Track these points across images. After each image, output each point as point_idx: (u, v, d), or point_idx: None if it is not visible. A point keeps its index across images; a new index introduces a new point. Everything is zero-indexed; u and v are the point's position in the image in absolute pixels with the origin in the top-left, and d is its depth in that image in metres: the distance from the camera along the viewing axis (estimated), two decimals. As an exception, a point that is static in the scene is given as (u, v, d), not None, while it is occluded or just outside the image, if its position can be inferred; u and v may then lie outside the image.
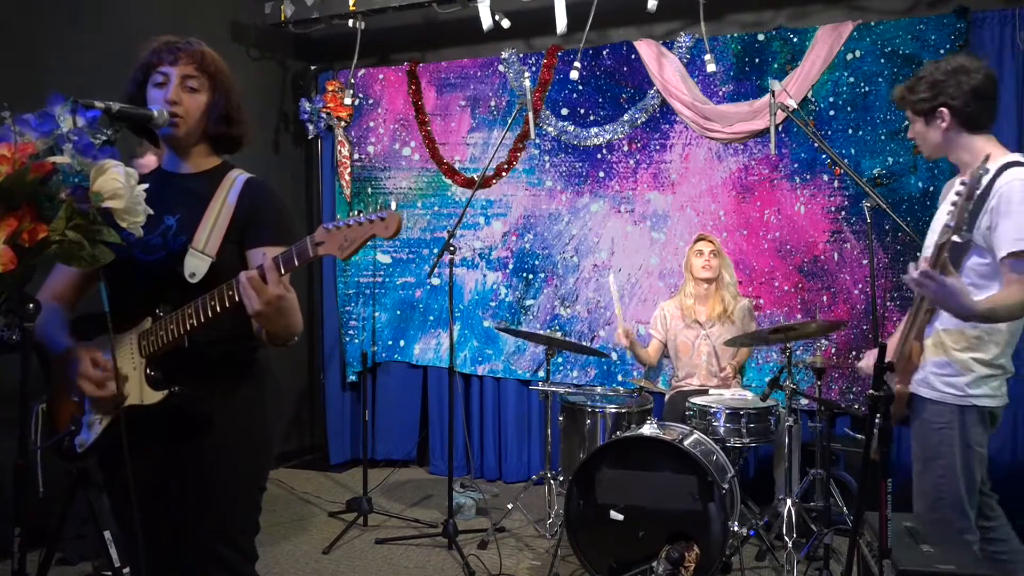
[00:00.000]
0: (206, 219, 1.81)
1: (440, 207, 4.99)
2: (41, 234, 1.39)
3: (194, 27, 4.36)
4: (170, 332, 1.73)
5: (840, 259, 4.10)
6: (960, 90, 2.26)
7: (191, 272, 1.77)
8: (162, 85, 1.80)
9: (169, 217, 1.82)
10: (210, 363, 1.84)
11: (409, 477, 4.94)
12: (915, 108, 2.34)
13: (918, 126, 2.37)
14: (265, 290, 1.62)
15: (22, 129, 1.41)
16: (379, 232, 1.60)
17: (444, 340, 4.93)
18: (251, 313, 1.65)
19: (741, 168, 4.29)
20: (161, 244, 1.81)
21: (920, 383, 2.31)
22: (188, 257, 1.77)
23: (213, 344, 1.81)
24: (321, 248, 1.63)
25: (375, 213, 1.61)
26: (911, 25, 3.94)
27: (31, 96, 1.64)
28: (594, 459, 3.11)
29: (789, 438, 3.38)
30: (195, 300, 1.70)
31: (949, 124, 2.29)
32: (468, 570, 3.41)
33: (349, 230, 1.62)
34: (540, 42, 4.75)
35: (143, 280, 1.80)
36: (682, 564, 2.86)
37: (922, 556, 2.06)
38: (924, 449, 2.31)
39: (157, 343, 1.75)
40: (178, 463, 1.84)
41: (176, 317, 1.72)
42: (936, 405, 2.27)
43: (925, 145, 2.40)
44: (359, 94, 5.07)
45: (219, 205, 1.83)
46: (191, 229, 1.81)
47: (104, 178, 1.45)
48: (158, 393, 1.75)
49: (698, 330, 3.94)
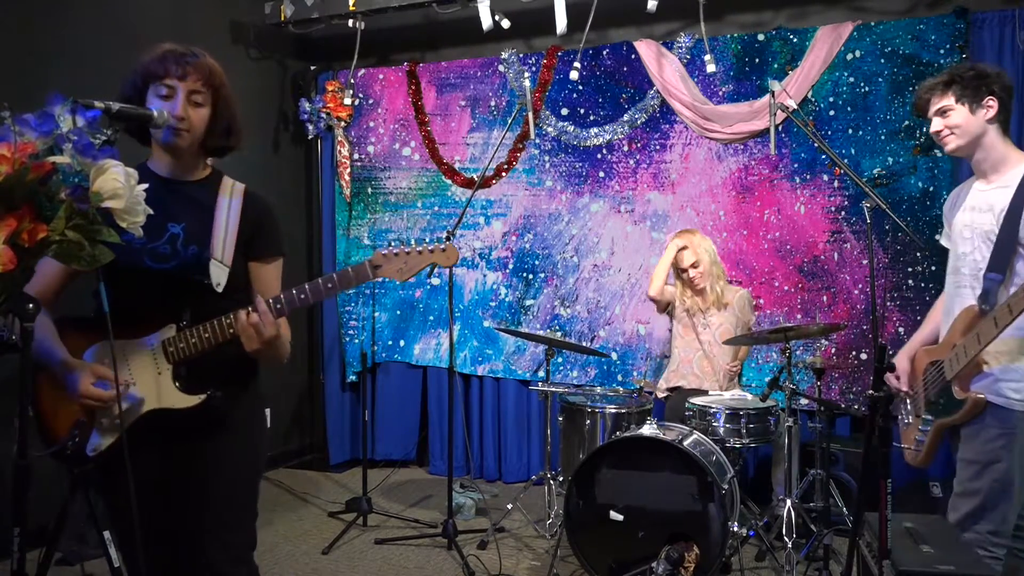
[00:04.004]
0: (217, 228, 1.87)
1: (440, 207, 4.99)
2: (41, 234, 1.39)
3: (194, 27, 4.41)
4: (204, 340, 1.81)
5: (840, 259, 4.10)
6: (1004, 86, 2.29)
7: (217, 282, 1.84)
8: (167, 97, 1.81)
9: (174, 225, 1.85)
10: (229, 364, 1.90)
11: (409, 477, 4.94)
12: (967, 90, 2.30)
13: (959, 113, 2.32)
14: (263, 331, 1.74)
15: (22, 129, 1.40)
16: (439, 261, 1.81)
17: (444, 340, 4.93)
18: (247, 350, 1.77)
19: (741, 168, 4.29)
20: (171, 253, 1.84)
21: (985, 389, 2.26)
22: (212, 267, 1.84)
23: (229, 344, 1.86)
24: (379, 271, 1.79)
25: (435, 243, 1.79)
26: (911, 25, 3.94)
27: (31, 96, 1.64)
28: (594, 459, 3.11)
29: (789, 438, 3.38)
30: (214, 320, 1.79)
31: (993, 115, 2.29)
32: (468, 570, 3.41)
33: (408, 257, 1.80)
34: (540, 42, 4.75)
35: (160, 288, 1.84)
36: (682, 564, 2.86)
37: (922, 556, 2.06)
38: (981, 454, 2.27)
39: (187, 350, 1.81)
40: (197, 460, 1.89)
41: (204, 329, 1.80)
42: (1001, 411, 2.24)
43: (960, 134, 2.33)
44: (359, 94, 5.07)
45: (225, 216, 1.89)
46: (200, 238, 1.86)
47: (104, 178, 1.44)
48: (194, 397, 1.81)
49: (700, 319, 3.95)
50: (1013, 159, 2.33)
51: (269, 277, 1.97)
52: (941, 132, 2.37)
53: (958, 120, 2.33)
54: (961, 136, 2.34)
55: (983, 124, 2.31)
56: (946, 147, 2.40)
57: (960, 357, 2.27)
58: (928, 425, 2.43)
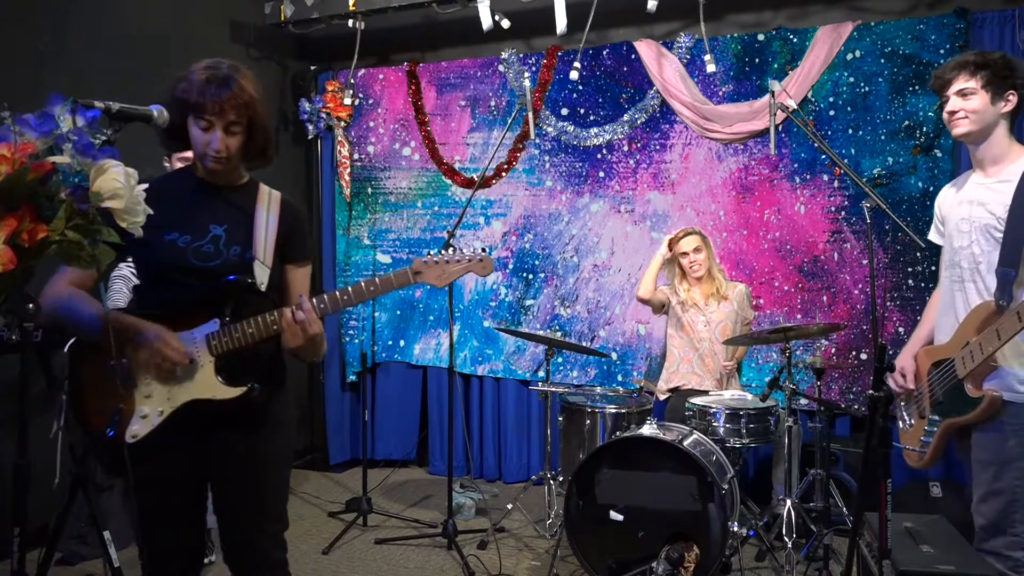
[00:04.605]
0: (258, 232, 1.99)
1: (440, 207, 4.99)
2: (41, 234, 1.39)
3: (194, 27, 4.40)
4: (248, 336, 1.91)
5: (840, 259, 4.10)
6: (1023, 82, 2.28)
7: (260, 281, 1.96)
8: (206, 130, 1.91)
9: (216, 227, 1.97)
10: (268, 360, 2.02)
11: (409, 477, 4.94)
12: (996, 78, 2.27)
13: (980, 99, 2.28)
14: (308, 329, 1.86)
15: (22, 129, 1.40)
16: (476, 270, 1.97)
17: (444, 340, 4.93)
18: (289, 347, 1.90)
19: (741, 168, 4.29)
20: (214, 252, 1.95)
21: (1000, 387, 2.22)
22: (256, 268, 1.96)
23: (268, 341, 1.96)
24: (419, 276, 1.95)
25: (473, 252, 1.96)
26: (911, 25, 3.94)
27: (31, 96, 1.64)
28: (594, 459, 3.11)
29: (789, 438, 3.38)
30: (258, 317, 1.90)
31: (1010, 110, 2.28)
32: (468, 570, 3.41)
33: (448, 265, 1.96)
34: (540, 42, 4.75)
35: (204, 285, 1.93)
36: (682, 564, 2.86)
37: (922, 556, 2.06)
38: (998, 453, 2.22)
39: (231, 344, 1.91)
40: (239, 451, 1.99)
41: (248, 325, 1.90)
42: (1018, 407, 2.20)
43: (975, 120, 2.29)
44: (359, 94, 5.07)
45: (264, 220, 2.02)
46: (242, 240, 1.97)
47: (104, 178, 1.44)
48: (235, 389, 1.91)
49: (698, 313, 3.95)
50: (1014, 154, 2.32)
51: (301, 279, 2.11)
52: (956, 113, 2.32)
53: (977, 105, 2.29)
54: (975, 123, 2.30)
55: (998, 116, 2.29)
56: (955, 130, 2.34)
57: (976, 354, 2.21)
58: (935, 426, 2.38)
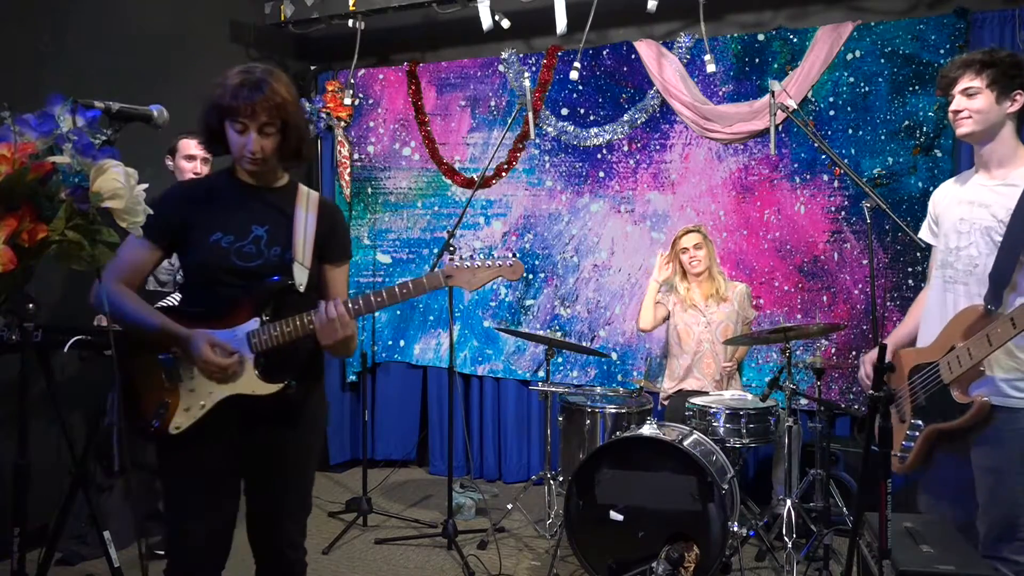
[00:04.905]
0: (297, 233, 2.03)
1: (440, 207, 4.99)
2: (41, 234, 1.39)
3: (194, 27, 4.40)
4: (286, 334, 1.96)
5: (840, 259, 4.10)
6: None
7: (299, 282, 2.00)
8: (242, 133, 1.95)
9: (257, 227, 2.01)
10: (305, 357, 2.07)
11: (409, 477, 4.94)
12: (1002, 77, 2.23)
13: (985, 98, 2.24)
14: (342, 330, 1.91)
15: (22, 129, 1.40)
16: (506, 275, 2.03)
17: (444, 340, 4.93)
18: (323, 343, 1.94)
19: (741, 168, 4.29)
20: (256, 252, 2.00)
21: (989, 393, 2.19)
22: (295, 269, 2.00)
23: (306, 339, 2.00)
24: (451, 280, 2.03)
25: (504, 258, 2.01)
26: (911, 25, 3.94)
27: (31, 96, 1.64)
28: (594, 459, 3.10)
29: (789, 438, 3.38)
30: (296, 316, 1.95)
31: (1016, 110, 2.24)
32: (468, 570, 3.41)
33: (478, 269, 2.03)
34: (540, 42, 4.75)
35: (246, 284, 1.99)
36: (682, 564, 2.86)
37: (922, 556, 2.06)
38: (999, 459, 2.19)
39: (270, 342, 1.96)
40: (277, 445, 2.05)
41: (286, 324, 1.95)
42: (1011, 412, 2.17)
43: (980, 120, 2.25)
44: (359, 94, 5.07)
45: (304, 221, 2.05)
46: (283, 241, 2.01)
47: (104, 178, 1.44)
48: (273, 385, 1.97)
49: (697, 315, 3.94)
50: (1021, 157, 2.28)
51: (340, 278, 2.15)
52: (960, 112, 2.28)
53: (982, 105, 2.24)
54: (979, 123, 2.26)
55: (1004, 116, 2.25)
56: (959, 129, 2.30)
57: (963, 359, 2.17)
58: (917, 430, 2.34)
